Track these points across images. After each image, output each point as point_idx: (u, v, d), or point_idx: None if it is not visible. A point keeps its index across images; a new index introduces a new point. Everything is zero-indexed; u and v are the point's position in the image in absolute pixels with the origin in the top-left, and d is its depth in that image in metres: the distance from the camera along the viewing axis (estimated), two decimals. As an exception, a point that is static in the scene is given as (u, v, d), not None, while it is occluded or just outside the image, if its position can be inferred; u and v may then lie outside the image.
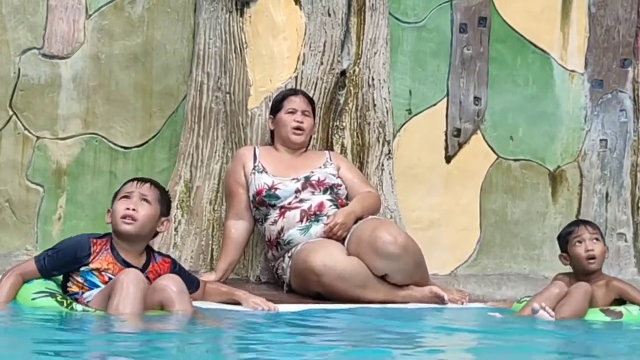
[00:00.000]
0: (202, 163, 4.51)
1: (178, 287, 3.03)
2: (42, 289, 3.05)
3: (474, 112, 4.82)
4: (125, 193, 3.18)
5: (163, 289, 3.02)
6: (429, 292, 3.87)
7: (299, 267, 3.85)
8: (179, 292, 3.02)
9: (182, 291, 3.03)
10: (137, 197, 3.16)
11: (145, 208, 3.15)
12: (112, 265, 3.12)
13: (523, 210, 4.84)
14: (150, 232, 3.22)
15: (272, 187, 4.06)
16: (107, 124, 4.56)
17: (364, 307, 3.68)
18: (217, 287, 3.42)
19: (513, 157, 4.86)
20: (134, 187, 3.18)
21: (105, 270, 3.12)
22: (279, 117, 4.20)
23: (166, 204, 3.23)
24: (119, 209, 3.15)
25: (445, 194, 4.73)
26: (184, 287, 3.06)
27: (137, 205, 3.15)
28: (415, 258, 3.86)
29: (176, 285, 3.04)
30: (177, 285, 3.04)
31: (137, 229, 3.15)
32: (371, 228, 3.83)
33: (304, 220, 3.99)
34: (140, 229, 3.15)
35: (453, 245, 4.72)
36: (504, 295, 4.43)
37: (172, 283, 3.04)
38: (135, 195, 3.16)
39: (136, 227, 3.15)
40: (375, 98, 4.60)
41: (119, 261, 3.13)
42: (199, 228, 4.44)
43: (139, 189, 3.17)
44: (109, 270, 3.11)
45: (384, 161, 4.59)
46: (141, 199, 3.16)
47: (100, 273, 3.11)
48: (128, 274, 2.96)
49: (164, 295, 3.01)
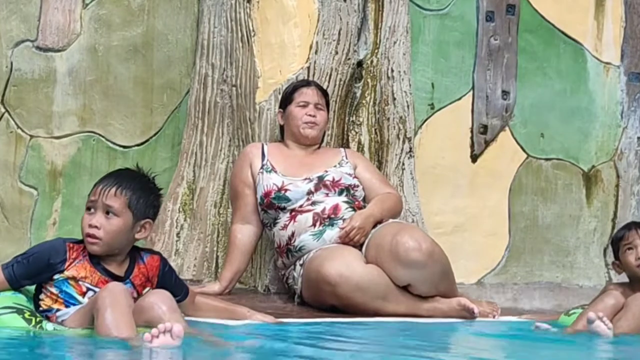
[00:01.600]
0: (206, 162, 4.17)
1: (167, 304, 2.58)
2: (9, 304, 2.59)
3: (501, 107, 4.52)
4: (88, 203, 2.71)
5: (150, 307, 2.58)
6: (456, 305, 3.46)
7: (312, 276, 3.44)
8: (168, 310, 2.57)
9: (172, 308, 2.59)
10: (101, 210, 2.68)
11: (111, 223, 2.67)
12: (91, 274, 2.68)
13: (555, 214, 4.59)
14: (126, 243, 2.75)
15: (282, 187, 3.67)
16: (105, 121, 4.29)
17: (385, 321, 3.30)
18: (212, 302, 2.95)
19: (544, 156, 4.60)
20: (97, 194, 2.69)
21: (83, 280, 2.67)
22: (290, 110, 3.81)
23: (143, 205, 2.72)
24: (83, 225, 2.70)
25: (471, 196, 4.44)
26: (174, 304, 2.63)
27: (101, 220, 2.67)
28: (442, 266, 3.46)
29: (165, 302, 2.59)
30: (166, 302, 2.59)
31: (104, 248, 2.69)
32: (392, 233, 3.43)
33: (317, 225, 3.60)
34: (108, 248, 2.69)
35: (479, 252, 4.44)
36: (534, 307, 4.10)
37: (161, 300, 2.59)
38: (98, 207, 2.68)
39: (102, 246, 2.68)
40: (395, 91, 4.24)
41: (99, 270, 2.67)
42: (202, 233, 4.09)
43: (102, 198, 2.68)
44: (87, 280, 2.67)
45: (404, 160, 4.23)
46: (105, 211, 2.68)
47: (77, 282, 2.66)
48: (113, 291, 2.52)
49: (151, 315, 2.57)
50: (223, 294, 3.68)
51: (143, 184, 2.75)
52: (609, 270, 4.59)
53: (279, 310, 3.39)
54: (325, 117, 3.85)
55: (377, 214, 3.61)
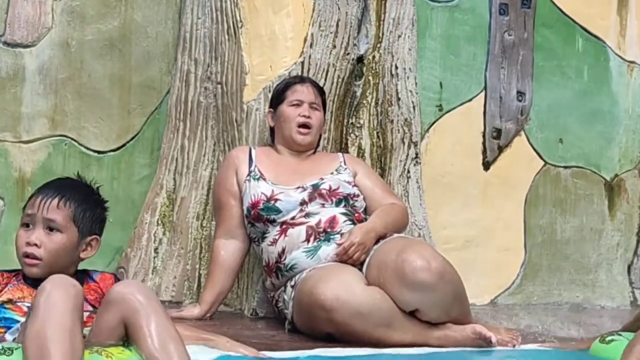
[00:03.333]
0: (188, 169, 3.74)
1: (143, 293, 2.15)
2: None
3: (516, 109, 4.23)
4: (25, 218, 2.33)
5: (122, 299, 2.14)
6: (471, 332, 3.00)
7: (304, 299, 2.98)
8: (147, 299, 2.14)
9: (149, 297, 2.15)
10: (41, 225, 2.29)
11: (53, 240, 2.29)
12: (29, 293, 2.28)
13: (575, 227, 4.33)
14: (69, 264, 2.34)
15: (272, 197, 3.22)
16: (78, 123, 3.95)
17: (389, 352, 2.83)
18: (186, 332, 2.48)
19: (563, 163, 4.34)
20: (36, 207, 2.30)
21: (21, 300, 2.28)
22: (281, 110, 3.38)
23: (89, 219, 2.34)
24: (18, 244, 2.31)
25: (483, 207, 4.15)
26: (150, 292, 2.20)
27: (41, 237, 2.28)
28: (454, 288, 3.01)
29: (141, 290, 2.16)
30: (142, 290, 2.16)
31: (45, 270, 2.28)
32: (397, 250, 2.98)
33: (311, 240, 3.15)
34: (49, 269, 2.27)
35: (492, 269, 4.14)
36: (551, 330, 3.70)
37: (136, 288, 2.16)
38: (38, 222, 2.29)
39: (42, 268, 2.28)
40: (400, 90, 3.82)
41: (36, 287, 2.25)
42: (183, 249, 3.65)
43: (42, 211, 2.29)
44: (25, 300, 2.28)
45: (410, 167, 3.81)
46: (46, 227, 2.29)
47: (14, 305, 2.28)
48: (51, 280, 2.09)
49: (125, 308, 2.13)
50: (204, 319, 3.26)
51: (88, 195, 2.39)
52: (633, 290, 4.39)
53: (265, 340, 2.92)
54: (322, 118, 3.42)
55: (380, 227, 3.17)
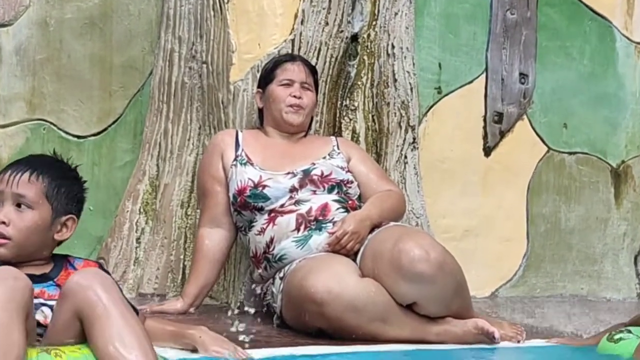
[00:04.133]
0: (171, 154, 3.51)
1: (104, 284, 1.92)
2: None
3: (519, 92, 4.04)
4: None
5: (77, 291, 1.90)
6: (473, 327, 2.79)
7: (294, 293, 2.76)
8: (106, 290, 1.90)
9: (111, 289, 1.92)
10: (10, 201, 2.09)
11: (23, 218, 2.08)
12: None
13: (580, 216, 4.19)
14: (41, 246, 2.12)
15: (259, 183, 3.01)
16: (57, 106, 3.73)
17: (385, 349, 2.63)
18: (161, 325, 2.27)
19: (567, 149, 4.19)
20: (4, 182, 2.09)
21: None
22: (270, 90, 3.17)
23: (64, 196, 2.13)
24: None
25: (484, 194, 3.98)
26: (112, 284, 1.95)
27: (10, 214, 2.07)
28: (455, 280, 2.80)
29: (100, 280, 1.92)
30: (101, 280, 1.92)
31: (14, 251, 2.07)
32: (394, 239, 2.77)
33: (302, 229, 2.93)
34: (19, 250, 2.07)
35: (493, 260, 3.97)
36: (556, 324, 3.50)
37: (94, 278, 1.92)
38: (7, 199, 2.09)
39: (12, 248, 2.07)
40: (396, 71, 3.59)
41: None
42: (167, 238, 3.42)
43: (12, 187, 2.08)
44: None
45: (407, 152, 3.59)
46: (16, 203, 2.09)
47: None
48: None
49: (79, 300, 1.89)
50: (187, 313, 3.04)
51: (64, 171, 2.17)
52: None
53: (252, 335, 2.68)
54: (314, 99, 3.20)
55: (375, 215, 2.96)
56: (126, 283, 3.37)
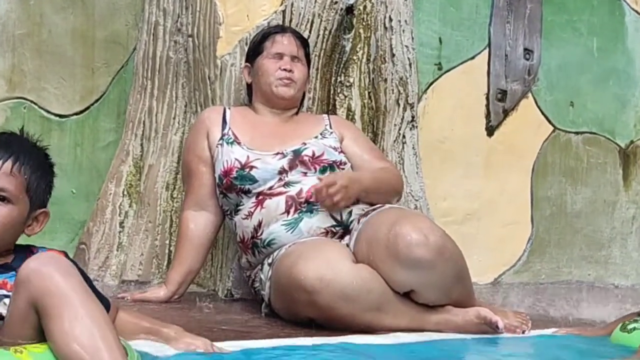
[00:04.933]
0: (156, 133, 3.31)
1: (63, 269, 1.68)
2: None
3: (523, 68, 3.86)
4: None
5: (32, 278, 1.67)
6: (475, 317, 2.61)
7: (283, 280, 2.57)
8: (65, 277, 1.67)
9: (70, 275, 1.68)
10: None
11: (2, 213, 1.85)
12: None
13: (587, 199, 4.06)
14: (12, 240, 1.91)
15: (247, 164, 2.81)
16: (38, 84, 3.54)
17: (380, 340, 2.42)
18: (134, 319, 2.05)
19: (574, 129, 4.04)
20: None
21: None
22: (259, 64, 2.97)
23: (42, 189, 1.91)
24: None
25: (486, 176, 3.83)
26: (75, 271, 1.72)
27: None
28: (455, 266, 2.61)
29: (58, 265, 1.69)
30: (60, 265, 1.69)
31: None
32: (390, 222, 2.58)
33: (292, 212, 2.74)
34: None
35: (496, 245, 3.83)
36: (562, 312, 3.41)
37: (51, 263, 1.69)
38: None
39: None
40: (394, 45, 3.38)
41: None
42: (151, 222, 3.23)
43: None
44: None
45: (405, 131, 3.38)
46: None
47: None
48: None
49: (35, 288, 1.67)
50: (171, 301, 2.85)
51: (43, 161, 1.94)
52: (650, 267, 4.11)
53: (238, 325, 2.51)
54: (305, 73, 3.00)
55: (367, 181, 2.78)
56: (109, 269, 3.19)
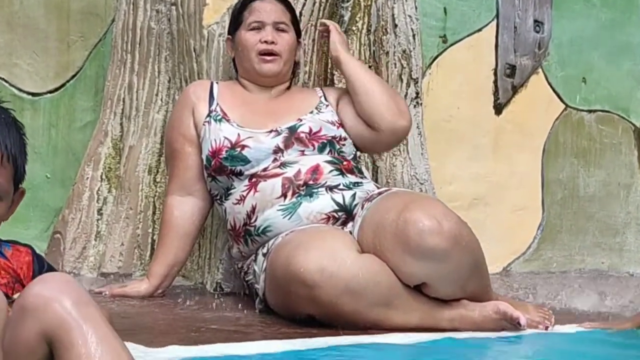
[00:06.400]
0: (137, 112, 3.00)
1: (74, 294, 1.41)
2: None
3: (533, 41, 3.57)
4: None
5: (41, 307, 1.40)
6: (493, 312, 2.32)
7: (279, 272, 2.27)
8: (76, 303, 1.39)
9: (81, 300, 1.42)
10: None
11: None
12: None
13: (600, 182, 3.79)
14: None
15: (238, 143, 2.51)
16: (9, 60, 3.26)
17: (389, 339, 2.14)
18: None
19: (586, 107, 3.76)
20: None
21: None
22: (239, 37, 2.69)
23: (22, 173, 1.65)
24: None
25: (495, 158, 3.57)
26: (85, 293, 1.45)
27: None
28: (472, 256, 2.32)
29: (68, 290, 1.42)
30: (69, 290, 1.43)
31: None
32: (399, 207, 2.29)
33: (289, 195, 2.44)
34: None
35: (505, 232, 3.57)
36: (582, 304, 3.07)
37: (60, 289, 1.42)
38: None
39: None
40: (396, 15, 3.07)
41: None
42: (132, 209, 2.93)
43: None
44: None
45: (409, 109, 3.03)
46: None
47: None
48: None
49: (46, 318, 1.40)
50: (153, 296, 2.56)
51: (23, 140, 1.67)
52: (666, 254, 3.83)
53: (229, 324, 2.22)
54: (292, 41, 2.68)
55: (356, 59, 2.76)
56: (86, 261, 2.89)
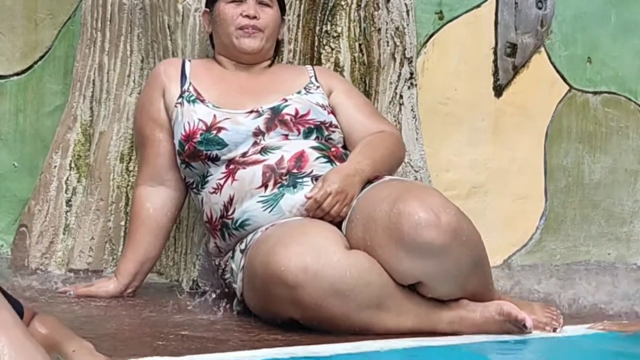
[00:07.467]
0: (108, 94, 2.76)
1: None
2: None
3: (535, 19, 3.39)
4: None
5: None
6: (496, 313, 2.09)
7: (259, 271, 2.04)
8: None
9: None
10: None
11: None
12: None
13: (606, 168, 3.64)
14: None
15: (213, 125, 2.27)
16: None
17: (381, 345, 1.91)
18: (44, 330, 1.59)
19: (592, 88, 3.61)
20: None
21: None
22: (218, 10, 2.46)
23: None
24: None
25: (495, 143, 3.41)
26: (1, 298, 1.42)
27: None
28: (473, 252, 2.08)
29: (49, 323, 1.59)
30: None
31: None
32: (391, 198, 2.05)
33: (271, 185, 2.20)
34: None
35: (506, 222, 3.43)
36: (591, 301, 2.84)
37: None
38: None
39: None
40: None
41: None
42: (103, 200, 2.70)
43: None
44: None
45: (402, 91, 2.86)
46: None
47: None
48: None
49: None
50: (123, 296, 2.33)
51: None
52: (676, 245, 3.68)
53: (202, 329, 1.97)
54: (276, 16, 2.45)
55: (367, 168, 2.25)
56: (54, 256, 2.67)
